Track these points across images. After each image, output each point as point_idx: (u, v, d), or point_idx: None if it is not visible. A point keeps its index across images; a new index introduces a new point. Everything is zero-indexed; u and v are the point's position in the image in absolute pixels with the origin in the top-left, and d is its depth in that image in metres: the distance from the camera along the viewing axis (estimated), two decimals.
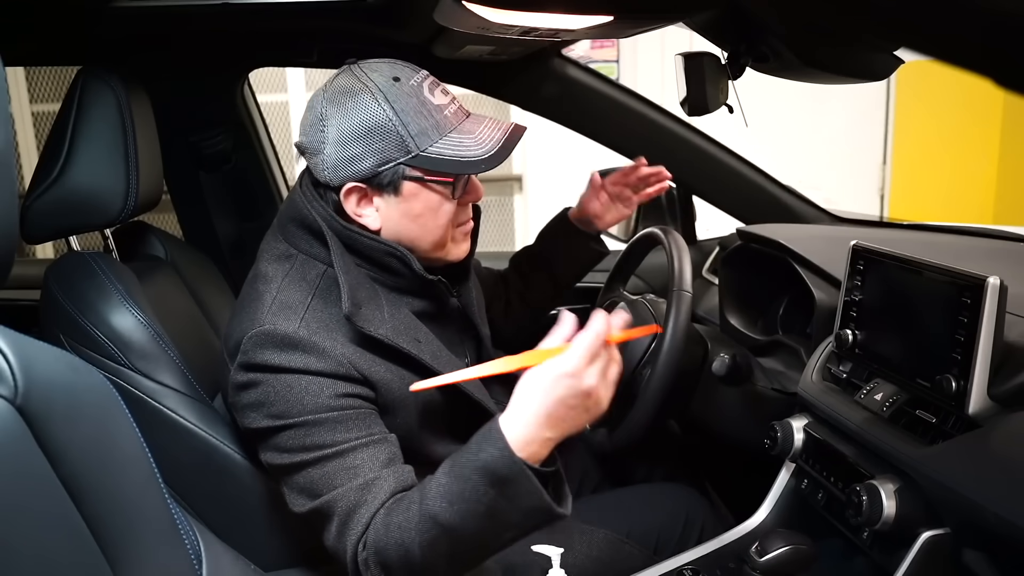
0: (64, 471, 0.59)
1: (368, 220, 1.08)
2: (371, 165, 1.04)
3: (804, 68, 1.08)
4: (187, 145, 1.77)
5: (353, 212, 1.08)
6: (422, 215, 1.08)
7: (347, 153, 1.04)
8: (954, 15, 0.42)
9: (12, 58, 1.54)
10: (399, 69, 1.07)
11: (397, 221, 1.09)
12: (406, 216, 1.08)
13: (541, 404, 0.88)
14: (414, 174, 1.06)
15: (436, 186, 1.07)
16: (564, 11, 1.10)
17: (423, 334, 1.11)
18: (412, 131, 1.04)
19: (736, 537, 1.17)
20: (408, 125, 1.04)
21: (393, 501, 0.97)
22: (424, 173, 1.06)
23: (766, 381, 1.31)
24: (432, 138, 1.05)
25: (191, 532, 0.81)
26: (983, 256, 1.44)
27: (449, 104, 1.09)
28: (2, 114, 0.62)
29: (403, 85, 1.05)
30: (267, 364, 1.01)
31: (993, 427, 0.87)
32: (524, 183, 4.64)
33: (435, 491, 0.92)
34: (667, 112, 1.75)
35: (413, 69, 1.09)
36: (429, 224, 1.09)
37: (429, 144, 1.05)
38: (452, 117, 1.08)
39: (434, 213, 1.09)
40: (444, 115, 1.07)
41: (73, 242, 1.31)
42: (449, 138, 1.06)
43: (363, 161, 1.04)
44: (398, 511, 0.95)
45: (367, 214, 1.08)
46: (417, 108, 1.05)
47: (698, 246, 1.86)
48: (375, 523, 0.96)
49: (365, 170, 1.05)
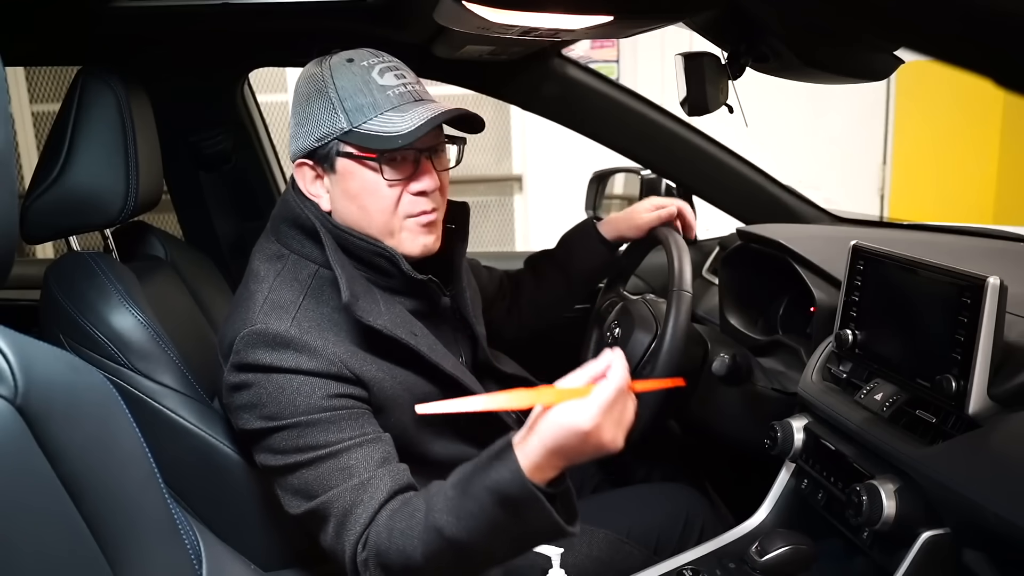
0: (64, 471, 0.59)
1: (321, 200, 1.12)
2: (312, 140, 1.08)
3: (804, 68, 1.08)
4: (187, 145, 1.77)
5: (307, 190, 1.11)
6: (359, 195, 1.09)
7: (296, 130, 1.10)
8: (954, 15, 0.42)
9: (12, 58, 1.54)
10: (360, 53, 1.10)
11: (339, 201, 1.11)
12: (345, 195, 1.10)
13: (555, 442, 0.87)
14: (346, 150, 1.07)
15: (370, 163, 1.07)
16: (564, 11, 1.10)
17: (419, 328, 1.12)
18: (348, 107, 1.06)
19: (736, 537, 1.17)
20: (345, 101, 1.06)
21: (397, 504, 0.97)
22: (355, 149, 1.07)
23: (766, 381, 1.31)
24: (367, 115, 1.06)
25: (191, 532, 0.81)
26: (983, 256, 1.44)
27: (397, 86, 1.08)
28: (2, 114, 0.62)
29: (353, 65, 1.08)
30: (259, 364, 1.01)
31: (993, 427, 0.87)
32: (524, 183, 4.64)
33: (443, 504, 0.92)
34: (667, 112, 1.75)
35: (375, 55, 1.10)
36: (368, 206, 1.09)
37: (363, 121, 1.06)
38: (395, 97, 1.07)
39: (371, 195, 1.08)
40: (386, 95, 1.07)
41: (73, 242, 1.31)
42: (384, 116, 1.06)
43: (307, 137, 1.09)
44: (402, 516, 0.95)
45: (319, 193, 1.12)
46: (359, 86, 1.06)
47: (698, 246, 1.86)
48: (377, 525, 0.96)
49: (308, 145, 1.09)
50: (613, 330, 1.38)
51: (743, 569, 1.05)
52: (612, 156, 1.83)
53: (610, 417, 0.86)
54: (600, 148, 1.80)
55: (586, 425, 0.85)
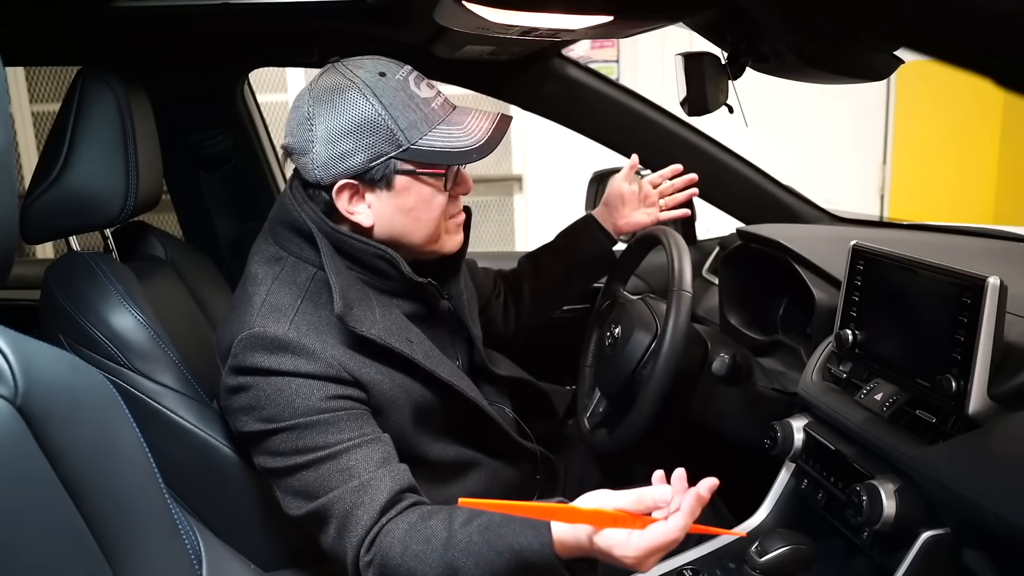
0: (64, 471, 0.59)
1: (360, 217, 1.08)
2: (363, 161, 1.04)
3: (804, 68, 1.08)
4: (187, 145, 1.77)
5: (345, 210, 1.07)
6: (415, 208, 1.09)
7: (337, 150, 1.04)
8: (954, 15, 0.42)
9: (12, 58, 1.54)
10: (384, 64, 1.08)
11: (391, 216, 1.09)
12: (399, 211, 1.09)
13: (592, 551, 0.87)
14: (406, 167, 1.06)
15: (428, 179, 1.08)
16: (564, 11, 1.10)
17: (415, 334, 1.11)
18: (401, 125, 1.04)
19: (736, 537, 1.17)
20: (397, 119, 1.04)
21: (415, 518, 0.96)
22: (416, 166, 1.06)
23: (766, 381, 1.31)
24: (422, 131, 1.05)
25: (191, 532, 0.81)
26: (983, 256, 1.44)
27: (435, 97, 1.09)
28: (2, 114, 0.62)
29: (389, 80, 1.06)
30: (257, 367, 1.01)
31: (993, 427, 0.87)
32: (524, 183, 4.64)
33: (464, 544, 0.92)
34: (667, 112, 1.75)
35: (397, 64, 1.10)
36: (422, 217, 1.10)
37: (419, 137, 1.05)
38: (439, 110, 1.08)
39: (427, 206, 1.09)
40: (432, 108, 1.07)
41: (73, 242, 1.31)
42: (438, 130, 1.06)
43: (354, 157, 1.04)
44: (418, 538, 0.94)
45: (359, 211, 1.08)
46: (405, 102, 1.05)
47: (698, 246, 1.86)
48: (391, 535, 0.95)
49: (357, 166, 1.05)
50: (613, 330, 1.38)
51: (743, 569, 1.05)
52: (612, 156, 1.83)
53: (654, 556, 0.86)
54: (600, 148, 1.81)
55: (630, 558, 0.85)
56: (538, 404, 1.39)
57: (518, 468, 1.27)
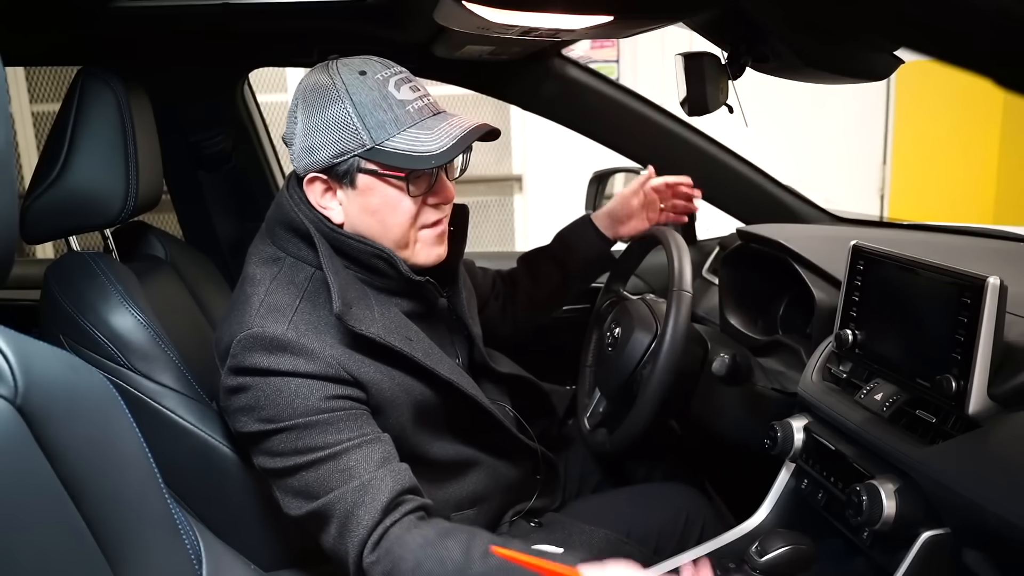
0: (64, 471, 0.59)
1: (332, 213, 1.10)
2: (328, 156, 1.06)
3: (804, 68, 1.08)
4: (187, 145, 1.77)
5: (318, 203, 1.09)
6: (379, 210, 1.08)
7: (308, 143, 1.07)
8: (954, 16, 0.42)
9: (12, 58, 1.54)
10: (370, 64, 1.08)
11: (357, 215, 1.09)
12: (364, 211, 1.09)
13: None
14: (369, 167, 1.06)
15: (393, 180, 1.07)
16: (564, 11, 1.10)
17: (414, 332, 1.11)
18: (369, 124, 1.04)
19: (736, 537, 1.17)
20: (365, 118, 1.04)
21: (433, 535, 0.97)
22: (379, 167, 1.06)
23: (766, 381, 1.31)
24: (389, 132, 1.05)
25: (191, 532, 0.81)
26: (983, 256, 1.44)
27: (415, 100, 1.08)
28: (2, 114, 0.62)
29: (367, 79, 1.06)
30: (256, 367, 1.01)
31: (993, 427, 0.87)
32: (524, 183, 4.64)
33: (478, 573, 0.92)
34: (667, 112, 1.75)
35: (385, 65, 1.09)
36: (388, 220, 1.09)
37: (386, 138, 1.05)
38: (415, 113, 1.07)
39: (392, 210, 1.08)
40: (406, 110, 1.06)
41: (73, 242, 1.31)
42: (407, 133, 1.05)
43: (321, 152, 1.06)
44: (433, 558, 0.94)
45: (331, 206, 1.10)
46: (377, 102, 1.05)
47: (698, 246, 1.86)
48: (402, 546, 0.95)
49: (323, 161, 1.06)
50: (613, 330, 1.38)
51: (743, 569, 1.05)
52: (612, 156, 1.83)
53: None
54: (600, 148, 1.80)
55: None
56: (538, 403, 1.39)
57: (518, 467, 1.27)
